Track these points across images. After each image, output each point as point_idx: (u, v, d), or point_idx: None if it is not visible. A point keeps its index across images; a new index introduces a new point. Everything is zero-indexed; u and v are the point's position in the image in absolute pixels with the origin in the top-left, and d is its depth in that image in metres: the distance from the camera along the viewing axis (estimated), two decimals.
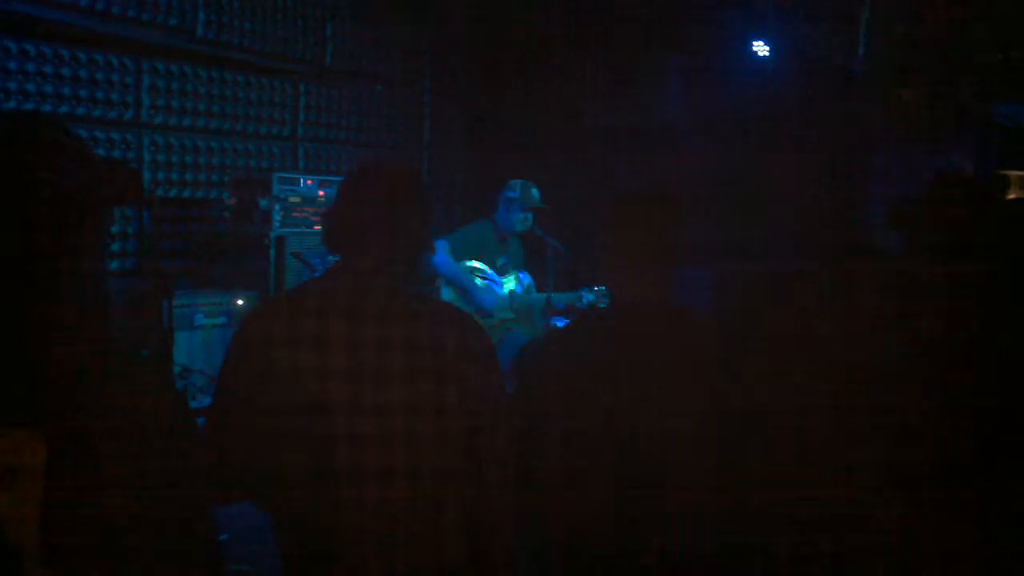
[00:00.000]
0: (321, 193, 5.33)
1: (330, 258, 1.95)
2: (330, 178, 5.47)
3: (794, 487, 1.92)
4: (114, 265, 4.91)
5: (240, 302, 4.87)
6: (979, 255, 1.99)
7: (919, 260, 2.02)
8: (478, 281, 4.83)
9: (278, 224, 5.09)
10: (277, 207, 5.09)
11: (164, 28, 5.10)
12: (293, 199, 5.19)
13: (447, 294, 4.78)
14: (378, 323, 1.79)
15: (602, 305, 4.96)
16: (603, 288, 4.98)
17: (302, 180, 5.30)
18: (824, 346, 2.17)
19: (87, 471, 1.20)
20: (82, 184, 1.32)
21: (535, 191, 4.89)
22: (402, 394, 1.76)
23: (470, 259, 4.80)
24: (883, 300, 2.10)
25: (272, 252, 5.06)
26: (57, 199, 1.29)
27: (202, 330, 4.70)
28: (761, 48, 6.34)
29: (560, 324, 4.96)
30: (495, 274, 4.89)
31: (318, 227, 5.14)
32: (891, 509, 1.96)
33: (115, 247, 4.93)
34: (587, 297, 5.04)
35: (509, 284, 4.98)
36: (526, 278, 5.11)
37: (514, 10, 6.72)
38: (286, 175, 5.25)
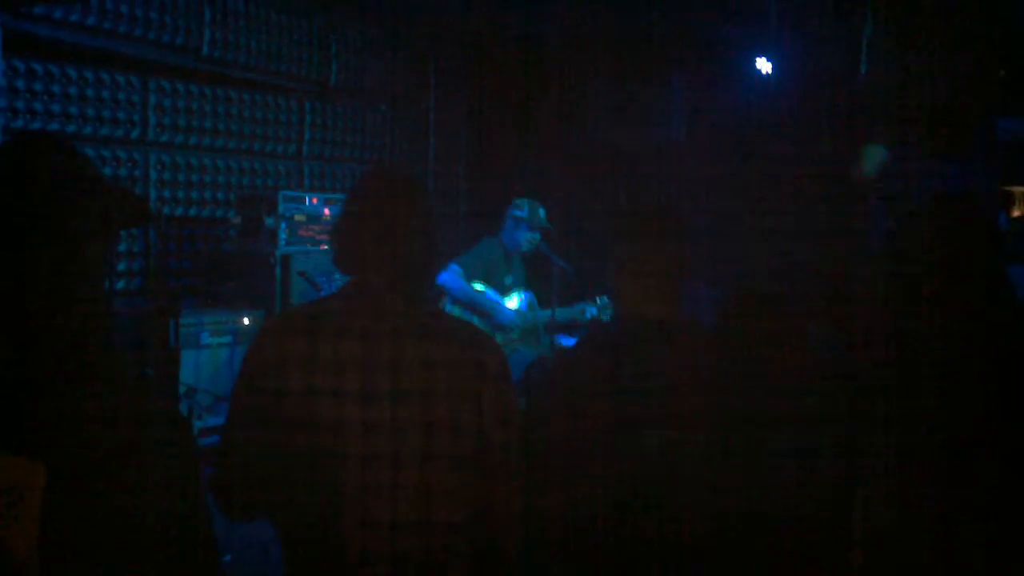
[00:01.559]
0: (326, 211, 5.34)
1: (336, 276, 1.94)
2: (335, 196, 5.47)
3: (799, 499, 1.92)
4: (120, 284, 4.91)
5: (246, 321, 4.87)
6: (975, 270, 2.01)
7: (917, 274, 2.03)
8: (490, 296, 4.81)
9: (284, 242, 5.09)
10: (283, 225, 5.09)
11: (170, 47, 5.14)
12: (299, 217, 5.20)
13: (451, 311, 4.76)
14: (394, 342, 1.78)
15: (605, 317, 4.95)
16: (605, 299, 4.97)
17: (307, 198, 5.31)
18: (827, 360, 2.18)
19: (88, 492, 1.20)
20: (90, 206, 1.32)
21: (542, 211, 4.88)
22: (417, 413, 1.76)
23: (479, 279, 4.78)
24: (881, 314, 2.11)
25: (278, 270, 5.05)
26: (65, 220, 1.29)
27: (208, 349, 4.69)
28: (764, 65, 6.36)
29: (567, 342, 4.95)
30: (498, 294, 4.88)
31: (324, 246, 5.16)
32: (893, 512, 1.97)
33: (121, 266, 4.94)
34: (590, 310, 5.02)
35: (512, 302, 4.96)
36: (530, 296, 5.10)
37: (518, 27, 6.75)
38: (291, 193, 5.26)
